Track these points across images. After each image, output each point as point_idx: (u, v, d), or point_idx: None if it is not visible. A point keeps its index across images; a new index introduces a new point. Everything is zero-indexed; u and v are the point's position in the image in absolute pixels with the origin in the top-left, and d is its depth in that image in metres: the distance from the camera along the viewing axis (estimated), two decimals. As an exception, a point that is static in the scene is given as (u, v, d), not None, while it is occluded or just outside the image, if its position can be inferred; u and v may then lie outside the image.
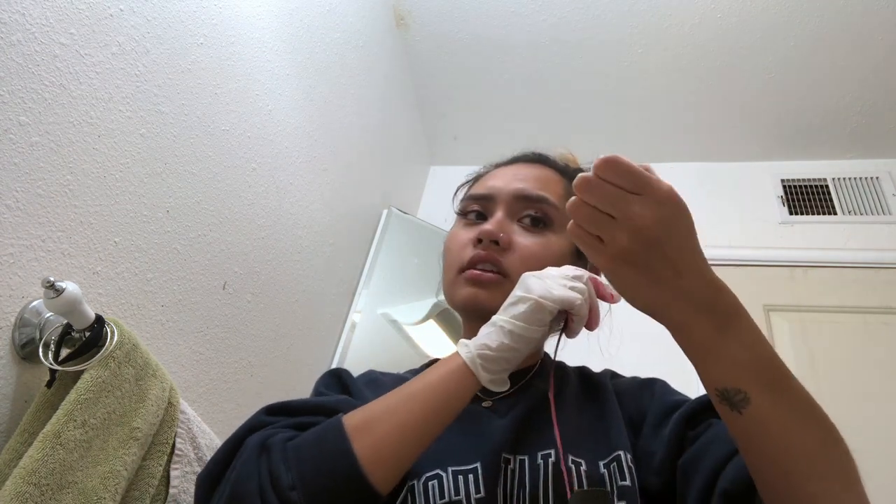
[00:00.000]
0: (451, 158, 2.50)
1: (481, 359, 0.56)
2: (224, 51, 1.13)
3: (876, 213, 2.04)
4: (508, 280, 0.67)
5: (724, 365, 0.48)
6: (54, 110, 0.77)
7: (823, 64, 1.90)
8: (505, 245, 0.70)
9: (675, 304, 0.48)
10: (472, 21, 1.97)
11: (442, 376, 0.56)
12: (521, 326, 0.56)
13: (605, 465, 0.60)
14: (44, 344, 0.71)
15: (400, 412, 0.54)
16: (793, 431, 0.46)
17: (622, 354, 0.94)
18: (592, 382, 0.73)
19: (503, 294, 0.64)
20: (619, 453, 0.61)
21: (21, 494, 0.59)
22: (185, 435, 0.81)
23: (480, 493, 0.57)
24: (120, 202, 0.88)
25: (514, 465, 0.60)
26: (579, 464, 0.60)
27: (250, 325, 1.21)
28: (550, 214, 0.73)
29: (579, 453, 0.61)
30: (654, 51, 1.96)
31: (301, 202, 1.42)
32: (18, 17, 0.72)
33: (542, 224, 0.73)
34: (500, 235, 0.70)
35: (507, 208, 0.73)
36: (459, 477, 0.58)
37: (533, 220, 0.73)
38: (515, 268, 0.68)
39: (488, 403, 0.68)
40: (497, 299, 0.64)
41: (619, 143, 2.25)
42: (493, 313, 0.62)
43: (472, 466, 0.59)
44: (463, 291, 0.70)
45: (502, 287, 0.67)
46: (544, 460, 0.60)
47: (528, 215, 0.73)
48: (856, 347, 1.77)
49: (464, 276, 0.70)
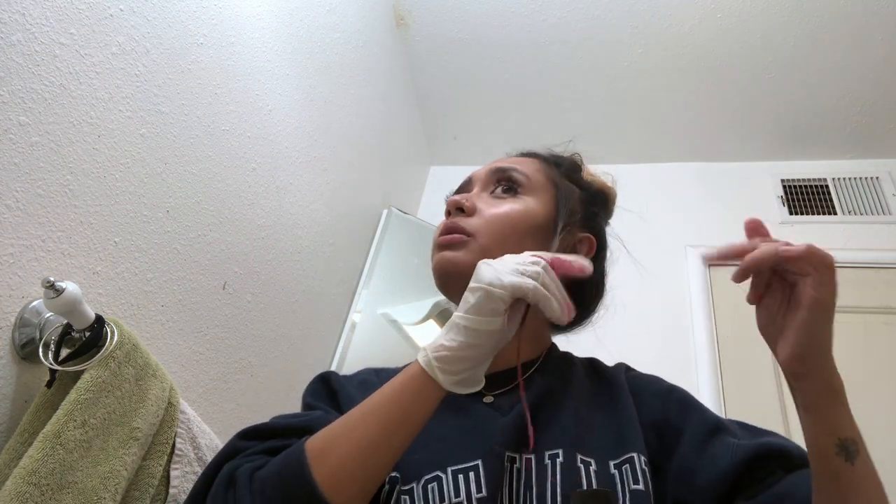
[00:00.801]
0: (451, 158, 2.50)
1: (439, 361, 0.53)
2: (224, 51, 1.13)
3: (876, 213, 2.04)
4: (473, 239, 0.68)
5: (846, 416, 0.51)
6: (54, 110, 0.77)
7: (823, 64, 1.90)
8: (469, 211, 0.71)
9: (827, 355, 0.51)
10: (472, 21, 1.97)
11: (399, 386, 0.54)
12: (474, 319, 0.53)
13: (617, 466, 0.59)
14: (44, 344, 0.71)
15: (358, 430, 0.53)
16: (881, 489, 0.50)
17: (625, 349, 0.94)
18: (604, 376, 0.71)
19: (469, 253, 0.66)
20: (633, 455, 0.59)
21: (21, 494, 0.59)
22: (185, 435, 0.81)
23: (482, 492, 0.56)
24: (120, 202, 0.88)
25: (521, 464, 0.59)
26: (588, 463, 0.58)
27: (250, 325, 1.21)
28: (518, 179, 0.74)
29: (588, 452, 0.59)
30: (654, 51, 1.96)
31: (301, 202, 1.42)
32: (18, 17, 0.72)
33: (511, 191, 0.74)
34: (464, 202, 0.72)
35: (481, 185, 0.76)
36: (459, 476, 0.57)
37: (504, 189, 0.74)
38: (478, 227, 0.69)
39: (489, 399, 0.66)
40: (463, 259, 0.65)
41: (619, 143, 2.25)
42: (463, 276, 0.61)
43: (473, 464, 0.58)
44: (433, 262, 0.71)
45: (467, 245, 0.68)
46: (552, 460, 0.58)
47: (498, 186, 0.75)
48: (856, 347, 1.77)
49: (435, 246, 0.72)
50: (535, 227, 0.71)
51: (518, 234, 0.69)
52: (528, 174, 0.75)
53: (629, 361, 0.76)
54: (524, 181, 0.74)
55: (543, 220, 0.72)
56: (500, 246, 0.67)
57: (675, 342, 1.88)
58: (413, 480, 0.58)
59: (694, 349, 1.86)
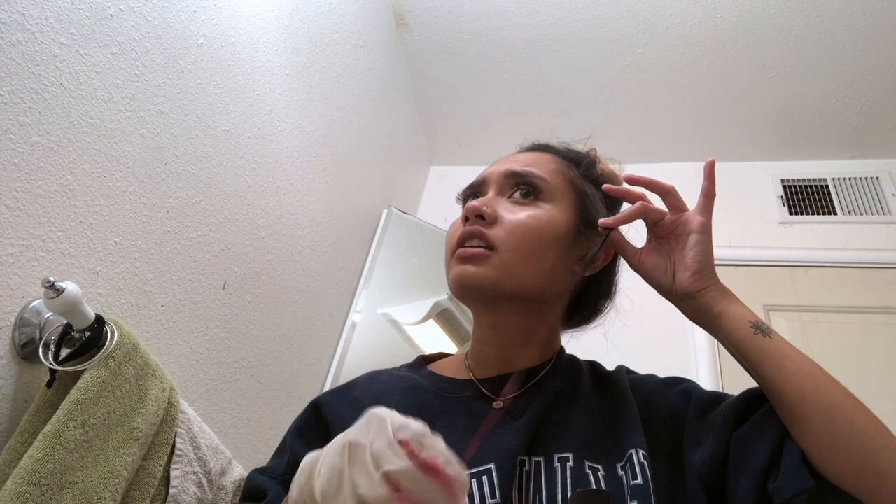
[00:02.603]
0: (451, 158, 2.50)
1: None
2: (224, 51, 1.13)
3: (876, 213, 2.04)
4: (496, 254, 0.66)
5: (747, 307, 0.63)
6: (54, 110, 0.77)
7: (823, 64, 1.90)
8: (490, 218, 0.68)
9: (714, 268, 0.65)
10: (472, 21, 1.97)
11: None
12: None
13: (623, 468, 0.59)
14: (44, 344, 0.71)
15: None
16: (803, 357, 0.59)
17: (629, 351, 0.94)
18: (607, 381, 0.71)
19: (491, 269, 0.65)
20: (631, 452, 0.59)
21: (21, 494, 0.59)
22: (185, 435, 0.81)
23: (496, 497, 0.55)
24: (120, 202, 0.88)
25: (530, 466, 0.59)
26: (596, 469, 0.58)
27: (250, 325, 1.21)
28: (538, 185, 0.71)
29: (596, 459, 0.59)
30: (654, 51, 1.96)
31: (301, 202, 1.42)
32: (18, 17, 0.72)
33: (530, 196, 0.71)
34: (484, 209, 0.69)
35: (497, 188, 0.73)
36: (473, 481, 0.57)
37: (522, 193, 0.71)
38: (502, 240, 0.67)
39: (499, 404, 0.66)
40: (484, 274, 0.64)
41: (619, 143, 2.25)
42: (483, 291, 0.61)
43: (486, 467, 0.57)
44: (453, 272, 0.69)
45: (489, 261, 0.66)
46: (561, 464, 0.58)
47: (517, 190, 0.72)
48: (856, 347, 1.77)
49: (455, 258, 0.69)
50: (556, 236, 0.69)
51: (542, 247, 0.68)
52: (548, 178, 0.72)
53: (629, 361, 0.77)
54: (543, 185, 0.71)
55: (565, 228, 0.70)
56: (523, 260, 0.66)
57: (675, 342, 1.88)
58: None
59: (694, 349, 1.86)
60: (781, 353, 0.58)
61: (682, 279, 0.64)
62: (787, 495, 0.53)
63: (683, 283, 0.64)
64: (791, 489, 0.53)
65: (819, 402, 0.55)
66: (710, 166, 0.66)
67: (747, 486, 0.56)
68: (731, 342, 0.61)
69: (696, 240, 0.64)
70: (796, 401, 0.56)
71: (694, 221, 0.65)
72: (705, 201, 0.66)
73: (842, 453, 0.53)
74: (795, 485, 0.54)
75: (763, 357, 0.59)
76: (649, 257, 0.68)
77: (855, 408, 0.56)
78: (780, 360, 0.58)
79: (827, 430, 0.54)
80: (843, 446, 0.53)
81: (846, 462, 0.53)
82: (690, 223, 0.65)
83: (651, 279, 0.68)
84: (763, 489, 0.56)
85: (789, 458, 0.56)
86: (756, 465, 0.57)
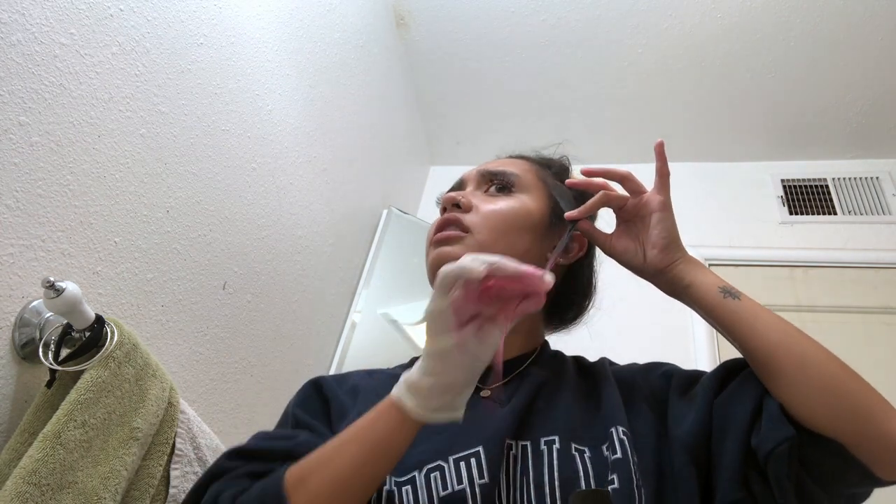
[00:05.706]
0: (451, 159, 2.50)
1: (408, 390, 0.51)
2: (224, 51, 1.13)
3: (876, 213, 2.04)
4: (470, 235, 0.69)
5: (714, 274, 0.67)
6: (54, 110, 0.77)
7: (823, 64, 1.90)
8: (466, 207, 0.72)
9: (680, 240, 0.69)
10: (473, 21, 1.97)
11: (375, 416, 0.53)
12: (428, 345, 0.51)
13: (608, 449, 0.60)
14: (44, 344, 0.71)
15: (334, 462, 0.53)
16: (772, 314, 0.62)
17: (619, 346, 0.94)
18: (590, 371, 0.73)
19: (465, 248, 0.67)
20: (611, 430, 0.61)
21: (21, 494, 0.59)
22: (185, 435, 0.81)
23: (484, 478, 0.56)
24: (120, 202, 0.88)
25: (517, 450, 0.60)
26: (583, 452, 0.59)
27: (250, 325, 1.21)
28: (511, 180, 0.75)
29: (581, 441, 0.60)
30: (654, 51, 1.96)
31: (301, 202, 1.42)
32: (18, 17, 0.72)
33: (505, 189, 0.75)
34: (460, 198, 0.73)
35: (474, 185, 0.78)
36: (461, 463, 0.58)
37: (497, 188, 0.76)
38: (476, 223, 0.70)
39: (486, 393, 0.68)
40: (459, 254, 0.64)
41: (619, 143, 2.25)
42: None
43: (475, 450, 0.58)
44: (429, 256, 0.71)
45: (464, 241, 0.69)
46: (548, 447, 0.59)
47: (492, 185, 0.76)
48: (856, 347, 1.77)
49: (431, 243, 0.72)
50: (530, 223, 0.72)
51: (515, 230, 0.71)
52: (521, 174, 0.77)
53: (630, 359, 0.78)
54: (516, 180, 0.76)
55: (539, 216, 0.73)
56: (497, 242, 0.69)
57: (674, 341, 1.88)
58: (415, 469, 0.58)
59: (694, 348, 1.86)
60: (751, 313, 0.62)
61: (651, 256, 0.68)
62: (770, 446, 0.56)
63: (653, 261, 0.67)
64: (773, 440, 0.56)
65: (789, 352, 0.58)
66: (659, 146, 0.71)
67: (732, 448, 0.58)
68: (704, 310, 0.64)
69: (658, 217, 0.68)
70: (769, 354, 0.59)
71: (654, 201, 0.69)
72: (660, 180, 0.70)
73: (817, 399, 0.56)
74: (776, 435, 0.56)
75: (735, 319, 0.62)
76: (619, 241, 0.71)
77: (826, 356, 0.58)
78: (750, 320, 0.61)
79: (800, 379, 0.57)
80: (817, 392, 0.56)
81: (822, 406, 0.56)
82: (651, 203, 0.69)
83: (624, 261, 0.71)
84: (748, 448, 0.58)
85: (768, 412, 0.58)
86: (738, 426, 0.59)
